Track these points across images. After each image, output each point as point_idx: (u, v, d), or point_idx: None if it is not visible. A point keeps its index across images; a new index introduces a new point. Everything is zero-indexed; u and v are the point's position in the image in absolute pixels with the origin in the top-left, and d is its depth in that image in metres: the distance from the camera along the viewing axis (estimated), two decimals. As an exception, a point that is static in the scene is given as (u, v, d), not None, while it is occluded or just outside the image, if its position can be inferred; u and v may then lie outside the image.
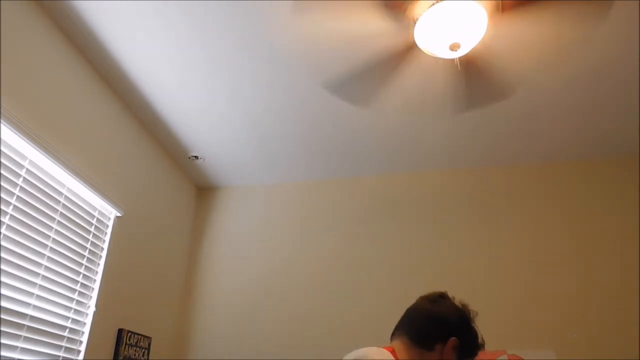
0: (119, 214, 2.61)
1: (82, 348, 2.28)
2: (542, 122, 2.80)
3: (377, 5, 2.02)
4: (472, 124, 2.85)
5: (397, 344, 1.23)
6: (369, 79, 2.47)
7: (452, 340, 1.18)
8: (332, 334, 3.01)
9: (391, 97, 2.62)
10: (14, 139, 1.95)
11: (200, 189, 3.73)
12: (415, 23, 2.01)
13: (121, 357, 2.51)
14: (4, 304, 1.85)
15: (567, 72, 2.41)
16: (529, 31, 2.14)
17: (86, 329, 2.32)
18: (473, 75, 2.42)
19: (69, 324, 2.21)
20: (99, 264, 2.45)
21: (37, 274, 2.04)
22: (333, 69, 2.41)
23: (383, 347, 1.20)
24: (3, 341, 1.83)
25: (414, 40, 2.11)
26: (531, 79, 2.46)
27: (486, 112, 2.72)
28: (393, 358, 1.15)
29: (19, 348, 1.90)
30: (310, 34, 2.19)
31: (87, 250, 2.37)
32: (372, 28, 2.14)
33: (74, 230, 2.29)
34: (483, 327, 3.01)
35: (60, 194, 2.22)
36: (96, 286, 2.41)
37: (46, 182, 2.14)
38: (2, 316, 1.83)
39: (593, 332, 2.71)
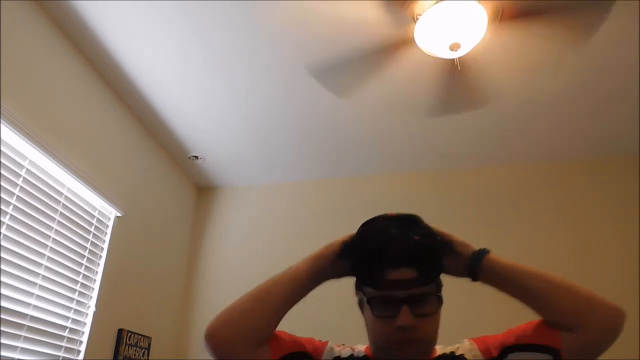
0: (119, 214, 2.60)
1: (82, 348, 2.27)
2: (542, 122, 2.80)
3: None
4: (472, 125, 2.84)
5: None
6: (363, 71, 2.43)
7: None
8: (332, 335, 3.00)
9: (391, 97, 2.61)
10: (14, 139, 1.95)
11: (200, 189, 3.73)
12: (415, 21, 2.01)
13: (121, 357, 2.51)
14: (4, 304, 1.85)
15: (567, 73, 2.40)
16: (529, 36, 2.14)
17: (86, 329, 2.31)
18: (469, 77, 2.41)
19: (69, 324, 2.21)
20: (99, 264, 2.45)
21: (37, 274, 2.03)
22: (332, 67, 2.40)
23: None
24: (3, 341, 1.83)
25: (411, 37, 2.10)
26: (531, 80, 2.46)
27: (486, 113, 2.72)
28: None
29: (19, 348, 1.90)
30: (310, 28, 2.19)
31: (87, 250, 2.37)
32: (373, 20, 2.13)
33: (74, 230, 2.29)
34: (483, 327, 3.00)
35: (60, 194, 2.22)
36: (96, 286, 2.41)
37: (46, 182, 2.14)
38: (2, 316, 1.83)
39: (593, 332, 2.70)
